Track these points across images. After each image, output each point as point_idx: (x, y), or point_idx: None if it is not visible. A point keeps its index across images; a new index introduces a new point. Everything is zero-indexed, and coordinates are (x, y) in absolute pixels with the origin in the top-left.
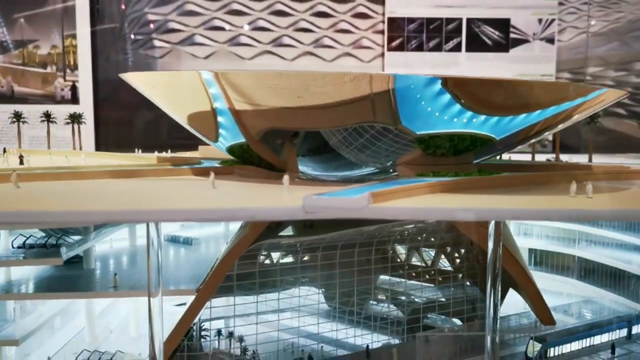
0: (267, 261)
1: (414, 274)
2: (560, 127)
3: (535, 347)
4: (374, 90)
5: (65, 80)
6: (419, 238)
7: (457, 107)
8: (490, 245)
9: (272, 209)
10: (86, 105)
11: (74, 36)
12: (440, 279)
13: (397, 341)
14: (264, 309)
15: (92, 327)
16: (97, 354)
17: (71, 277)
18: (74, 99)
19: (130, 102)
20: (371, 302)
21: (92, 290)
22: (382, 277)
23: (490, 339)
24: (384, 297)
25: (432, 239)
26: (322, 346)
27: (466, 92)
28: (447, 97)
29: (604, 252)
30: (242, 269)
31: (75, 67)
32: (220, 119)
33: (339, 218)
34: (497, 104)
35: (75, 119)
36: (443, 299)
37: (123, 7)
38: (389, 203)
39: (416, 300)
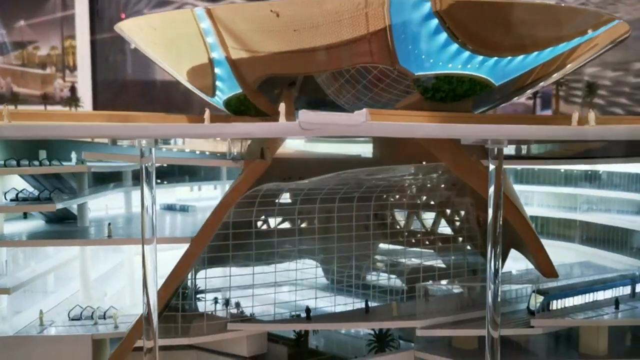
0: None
1: (414, 240)
2: (559, 74)
3: (537, 300)
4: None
5: (64, 81)
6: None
7: (455, 46)
8: (491, 189)
9: (269, 125)
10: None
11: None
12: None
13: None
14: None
15: (86, 290)
16: (89, 310)
17: (65, 232)
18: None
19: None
20: (370, 262)
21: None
22: (382, 233)
23: (492, 291)
24: (383, 256)
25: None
26: (317, 300)
27: (459, 19)
28: (443, 35)
29: (606, 215)
30: (240, 217)
31: (74, 68)
32: (217, 70)
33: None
34: (494, 39)
35: (73, 102)
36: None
37: (122, 15)
38: (385, 122)
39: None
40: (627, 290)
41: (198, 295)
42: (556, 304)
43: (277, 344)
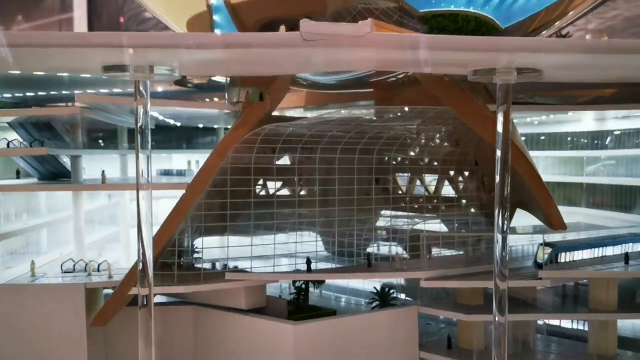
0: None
1: (416, 206)
2: (561, 22)
3: (545, 252)
4: None
5: None
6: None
7: None
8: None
9: (269, 35)
10: None
11: None
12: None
13: (400, 250)
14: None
15: (81, 251)
16: (83, 264)
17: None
18: None
19: None
20: (373, 227)
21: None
22: (384, 199)
23: (500, 241)
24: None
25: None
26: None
27: None
28: None
29: (613, 177)
30: (238, 162)
31: None
32: (216, 17)
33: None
34: None
35: None
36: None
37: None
38: (391, 33)
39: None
40: (637, 247)
41: (195, 256)
42: (564, 257)
43: (277, 298)
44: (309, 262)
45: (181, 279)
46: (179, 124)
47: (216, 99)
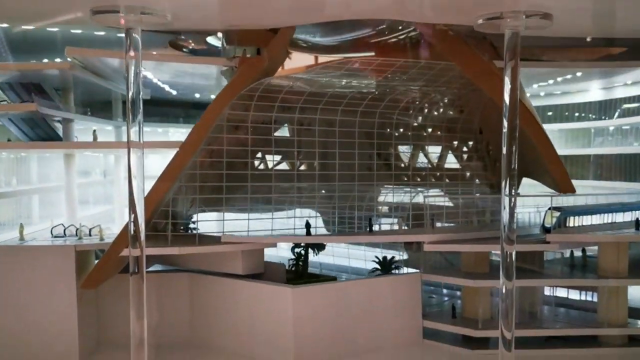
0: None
1: (419, 179)
2: None
3: (553, 216)
4: None
5: None
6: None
7: None
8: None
9: None
10: None
11: None
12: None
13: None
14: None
15: (73, 219)
16: (73, 229)
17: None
18: None
19: None
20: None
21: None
22: (386, 174)
23: (507, 204)
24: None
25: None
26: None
27: None
28: None
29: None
30: (235, 121)
31: None
32: None
33: None
34: None
35: None
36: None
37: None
38: None
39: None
40: None
41: (191, 226)
42: (573, 221)
43: (275, 264)
44: (308, 225)
45: (175, 242)
46: (174, 93)
47: None
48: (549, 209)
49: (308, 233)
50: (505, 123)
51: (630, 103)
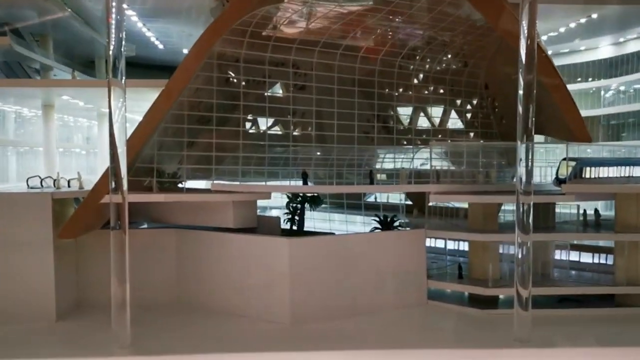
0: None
1: (419, 142)
2: None
3: (568, 166)
4: None
5: None
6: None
7: None
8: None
9: None
10: None
11: None
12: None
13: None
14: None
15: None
16: (50, 180)
17: None
18: None
19: None
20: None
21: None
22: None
23: (523, 152)
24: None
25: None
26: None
27: None
28: None
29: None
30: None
31: None
32: None
33: None
34: None
35: None
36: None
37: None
38: None
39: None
40: None
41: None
42: (589, 172)
43: (268, 217)
44: (305, 175)
45: (161, 187)
46: (161, 47)
47: None
48: (564, 159)
49: (305, 183)
50: (522, 56)
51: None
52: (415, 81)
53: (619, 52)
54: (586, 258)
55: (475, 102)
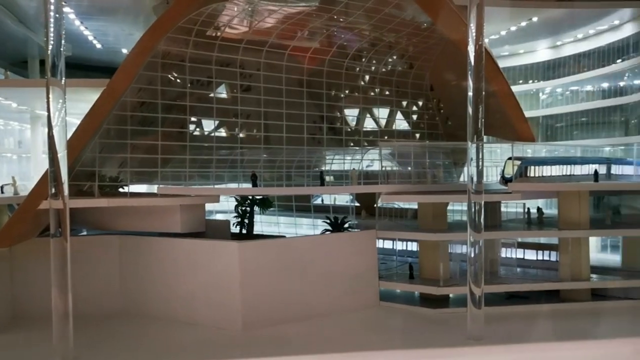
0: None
1: (366, 144)
2: None
3: (514, 165)
4: None
5: None
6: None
7: None
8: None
9: None
10: None
11: None
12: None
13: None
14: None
15: None
16: None
17: None
18: None
19: None
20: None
21: None
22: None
23: (474, 152)
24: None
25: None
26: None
27: None
28: None
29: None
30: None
31: None
32: None
33: None
34: None
35: None
36: None
37: None
38: None
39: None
40: (602, 170)
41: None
42: (534, 171)
43: (217, 221)
44: (254, 177)
45: (104, 191)
46: (99, 46)
47: None
48: (509, 158)
49: (255, 185)
50: (471, 58)
51: (579, 58)
52: (362, 83)
53: (557, 55)
54: (530, 255)
55: (421, 103)
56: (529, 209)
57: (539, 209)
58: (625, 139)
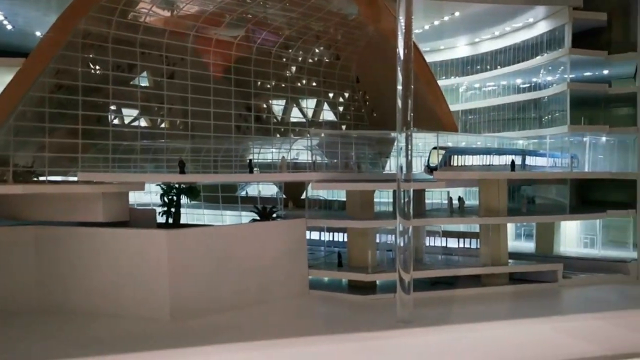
0: None
1: (293, 135)
2: None
3: (438, 154)
4: None
5: None
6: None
7: None
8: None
9: None
10: None
11: None
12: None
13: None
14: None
15: None
16: None
17: None
18: None
19: None
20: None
21: None
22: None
23: (403, 142)
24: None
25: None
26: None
27: None
28: None
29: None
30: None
31: None
32: None
33: None
34: None
35: None
36: None
37: None
38: None
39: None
40: (517, 160)
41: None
42: (457, 160)
43: (141, 209)
44: (181, 164)
45: (17, 177)
46: (10, 27)
47: None
48: (434, 148)
49: (182, 172)
50: (400, 52)
51: (497, 55)
52: (289, 73)
53: (475, 51)
54: (452, 243)
55: (347, 94)
56: (451, 198)
57: (460, 199)
58: (539, 131)
